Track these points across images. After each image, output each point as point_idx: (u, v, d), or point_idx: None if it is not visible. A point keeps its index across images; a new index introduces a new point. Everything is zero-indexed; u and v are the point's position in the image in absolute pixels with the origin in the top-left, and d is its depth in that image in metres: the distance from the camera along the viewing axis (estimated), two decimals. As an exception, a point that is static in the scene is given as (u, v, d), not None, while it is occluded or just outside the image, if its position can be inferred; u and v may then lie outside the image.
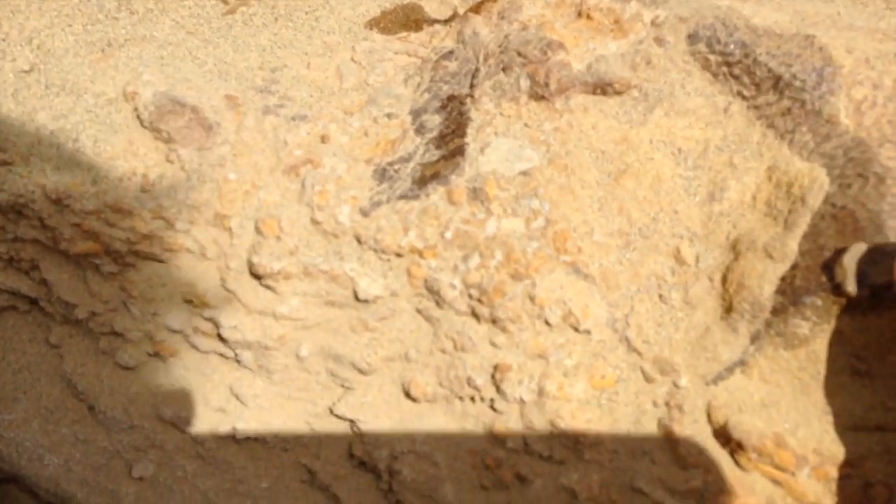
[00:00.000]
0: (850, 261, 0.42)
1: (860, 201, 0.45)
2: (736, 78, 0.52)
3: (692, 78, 0.53)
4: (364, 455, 0.49)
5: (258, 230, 0.46)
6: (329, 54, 0.55)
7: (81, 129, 0.47)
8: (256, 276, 0.46)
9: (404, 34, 0.57)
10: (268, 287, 0.46)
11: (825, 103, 0.49)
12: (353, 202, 0.46)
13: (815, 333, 0.44)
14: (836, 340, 0.43)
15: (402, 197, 0.46)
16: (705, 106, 0.52)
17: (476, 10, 0.56)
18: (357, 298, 0.46)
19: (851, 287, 0.42)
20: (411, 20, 0.58)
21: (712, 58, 0.52)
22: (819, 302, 0.43)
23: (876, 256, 0.42)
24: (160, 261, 0.47)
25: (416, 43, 0.56)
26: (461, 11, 0.58)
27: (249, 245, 0.46)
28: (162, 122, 0.46)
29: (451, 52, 0.54)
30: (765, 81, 0.50)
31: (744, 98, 0.52)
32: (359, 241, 0.46)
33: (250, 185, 0.46)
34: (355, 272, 0.45)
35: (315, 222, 0.46)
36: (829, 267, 0.43)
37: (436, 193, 0.46)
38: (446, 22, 0.57)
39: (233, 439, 0.51)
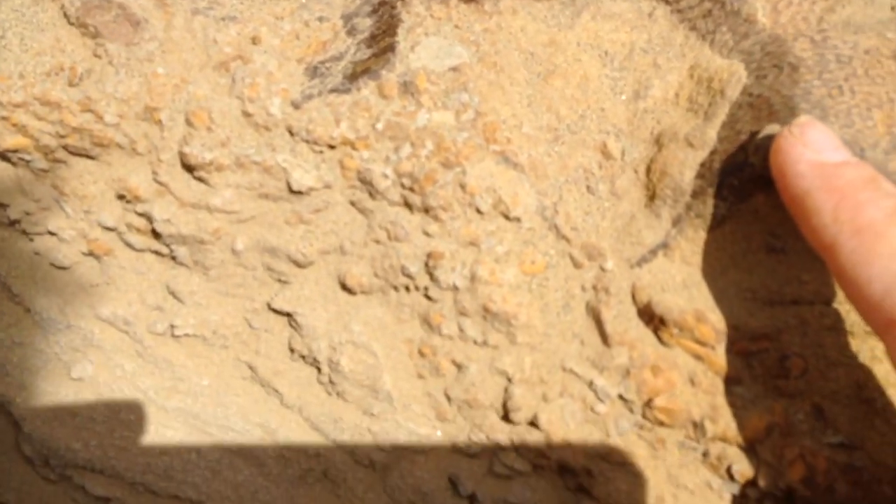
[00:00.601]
0: (764, 142, 0.44)
1: (775, 89, 0.46)
2: (660, -17, 0.52)
3: (619, -16, 0.53)
4: (303, 348, 0.49)
5: (188, 122, 0.45)
6: (264, -35, 0.54)
7: (7, 27, 0.46)
8: (188, 168, 0.46)
9: (338, -56, 0.56)
10: (200, 179, 0.46)
11: (744, 4, 0.50)
12: (285, 94, 0.46)
13: (732, 213, 0.45)
14: (752, 219, 0.45)
15: (334, 90, 0.46)
16: (631, 11, 0.53)
17: (409, -81, 0.56)
18: (291, 190, 0.46)
19: (763, 165, 0.43)
20: (345, -69, 0.57)
21: (638, -36, 0.52)
22: (735, 181, 0.44)
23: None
24: (91, 157, 0.46)
25: (349, -48, 0.56)
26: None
27: (180, 137, 0.45)
28: (89, 17, 0.45)
29: (384, -40, 0.54)
30: (687, -15, 0.51)
31: (667, 3, 0.53)
32: (291, 132, 0.46)
33: (179, 79, 0.46)
34: (288, 163, 0.45)
35: (246, 114, 0.45)
36: (744, 148, 0.45)
37: (367, 88, 0.46)
38: (380, -68, 0.57)
39: (172, 337, 0.50)
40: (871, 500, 0.43)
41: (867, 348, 0.44)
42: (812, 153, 0.40)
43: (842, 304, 0.44)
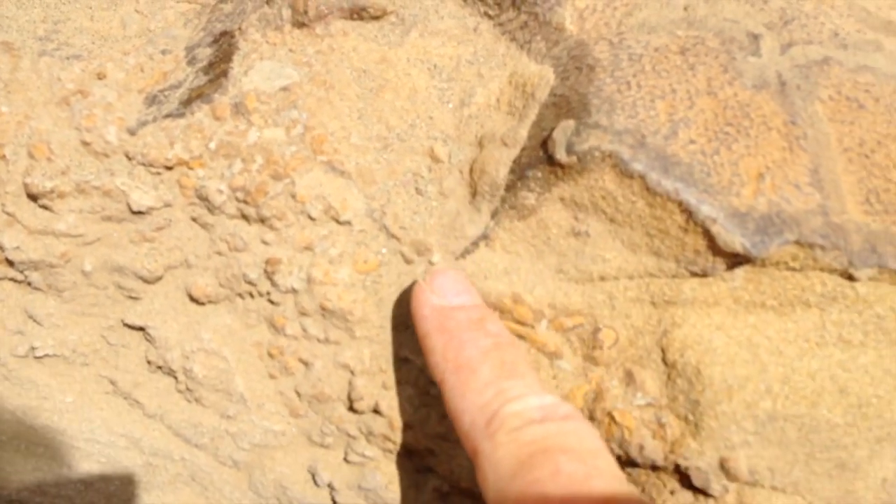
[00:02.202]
0: (560, 134, 0.47)
1: (574, 88, 0.49)
2: (482, 0, 0.56)
3: (445, 3, 0.56)
4: (158, 359, 0.50)
5: (30, 154, 0.47)
6: (114, 8, 0.56)
7: None
8: (32, 197, 0.47)
9: (186, -16, 0.59)
10: (44, 207, 0.47)
11: (554, 14, 0.53)
12: (120, 122, 0.48)
13: (540, 202, 0.47)
14: (558, 206, 0.47)
15: (168, 115, 0.48)
16: (457, 27, 0.56)
17: (250, -44, 0.58)
18: (132, 211, 0.47)
19: (560, 155, 0.46)
20: (194, -29, 0.60)
21: (461, -16, 0.56)
22: (539, 174, 0.47)
23: (580, 128, 0.47)
24: (-61, 193, 0.47)
25: (198, -9, 0.58)
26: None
27: (23, 169, 0.47)
28: (-70, 63, 0.47)
29: (227, -4, 0.56)
30: (505, 0, 0.55)
31: (490, 17, 0.56)
32: (128, 157, 0.47)
33: (23, 116, 0.48)
34: (126, 186, 0.47)
35: (85, 143, 0.47)
36: (545, 143, 0.47)
37: (200, 111, 0.48)
38: (226, -29, 0.59)
39: (34, 359, 0.51)
40: (678, 453, 0.46)
41: (668, 316, 0.47)
42: (437, 298, 0.44)
43: (642, 278, 0.47)
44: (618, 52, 0.50)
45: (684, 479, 0.46)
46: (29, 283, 0.50)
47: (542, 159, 0.47)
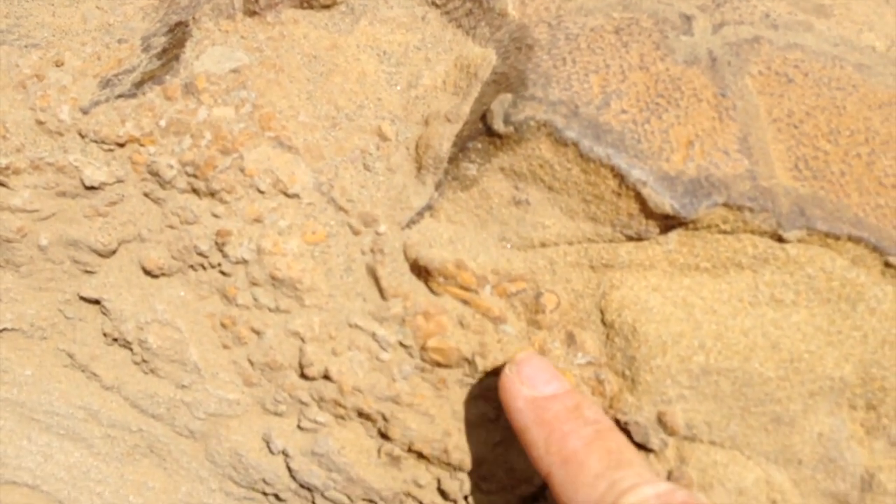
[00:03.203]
0: (497, 106, 0.47)
1: (513, 66, 0.50)
2: (430, -10, 0.57)
3: (395, -6, 0.57)
4: (114, 331, 0.51)
5: (-15, 133, 0.47)
6: (75, 5, 0.57)
7: None
8: (-13, 174, 0.48)
9: (146, -21, 0.60)
10: (0, 183, 0.48)
11: (497, 1, 0.54)
12: (74, 102, 0.48)
13: (481, 173, 0.48)
14: (499, 176, 0.48)
15: (121, 96, 0.49)
16: (406, 16, 0.57)
17: (208, -50, 0.59)
18: (85, 186, 0.48)
19: (498, 126, 0.47)
20: (154, -34, 0.61)
21: (410, -27, 0.57)
22: (479, 145, 0.48)
23: (516, 100, 0.48)
24: None
25: (156, -15, 0.59)
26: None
27: (-22, 148, 0.47)
28: None
29: (185, -12, 0.57)
30: (452, -11, 0.56)
31: (437, 6, 0.57)
32: (81, 135, 0.48)
33: (-20, 98, 0.48)
34: (79, 162, 0.47)
35: (39, 122, 0.48)
36: (484, 115, 0.48)
37: (152, 91, 0.49)
38: (184, -36, 0.60)
39: (-8, 334, 0.51)
40: (616, 408, 0.46)
41: (606, 279, 0.48)
42: (528, 389, 0.43)
43: (580, 243, 0.48)
44: (555, 33, 0.52)
45: (625, 434, 0.47)
46: (-14, 259, 0.50)
47: (481, 131, 0.48)
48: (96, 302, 0.50)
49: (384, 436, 0.50)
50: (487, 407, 0.49)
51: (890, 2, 0.60)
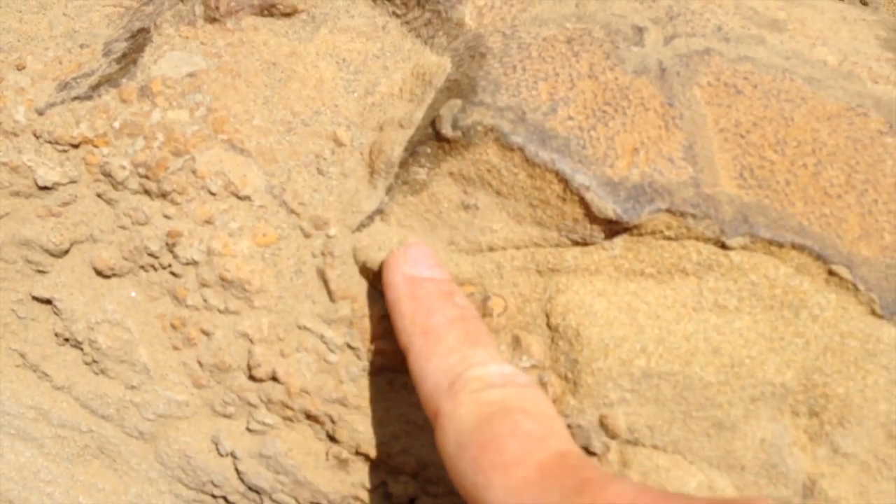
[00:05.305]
0: (446, 111, 0.47)
1: (465, 73, 0.49)
2: (390, 0, 0.56)
3: (356, 3, 0.57)
4: (65, 331, 0.49)
5: (-61, 132, 0.46)
6: (43, 11, 0.57)
7: None
8: (-60, 173, 0.47)
9: (115, -12, 0.59)
10: (-47, 183, 0.47)
11: (455, 11, 0.54)
12: (29, 104, 0.47)
13: (431, 177, 0.47)
14: (448, 181, 0.47)
15: (76, 98, 0.48)
16: (366, 25, 0.56)
17: (174, -40, 0.59)
18: (39, 187, 0.47)
19: (446, 130, 0.46)
20: (123, -24, 0.60)
21: (371, -16, 0.56)
22: (429, 150, 0.47)
23: (465, 106, 0.47)
24: None
25: (124, -6, 0.58)
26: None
27: (-67, 147, 0.46)
28: None
29: (151, 0, 0.57)
30: (411, 0, 0.55)
31: (398, 16, 0.56)
32: (35, 136, 0.47)
33: (-64, 98, 0.47)
34: (33, 162, 0.47)
35: (-6, 123, 0.47)
36: (434, 120, 0.47)
37: (107, 94, 0.48)
38: (152, -26, 0.60)
39: (-56, 333, 0.50)
40: (559, 410, 0.45)
41: (553, 283, 0.47)
42: (409, 268, 0.44)
43: (528, 247, 0.47)
44: (509, 42, 0.51)
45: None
46: (-61, 258, 0.49)
47: (431, 136, 0.47)
48: (48, 302, 0.49)
49: (332, 438, 0.49)
50: (434, 410, 0.47)
51: (847, 19, 0.60)
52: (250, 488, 0.50)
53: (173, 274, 0.48)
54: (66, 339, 0.50)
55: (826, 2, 0.63)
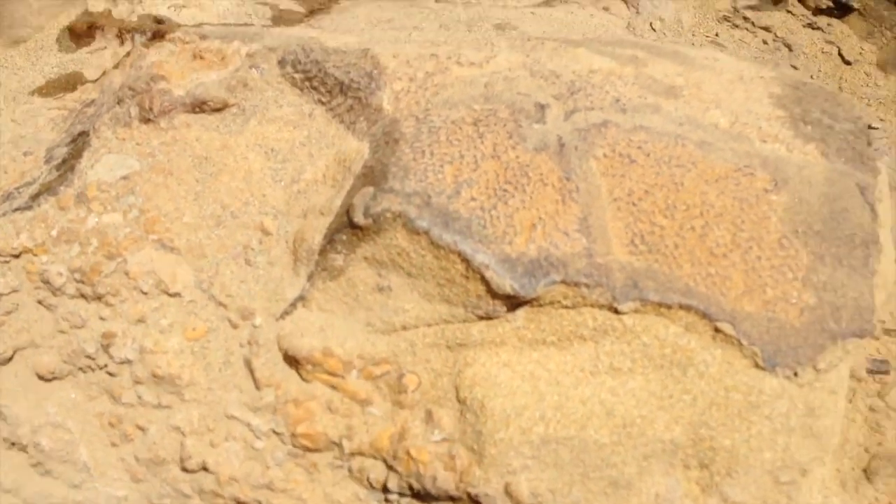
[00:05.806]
0: (359, 200, 0.49)
1: (380, 159, 0.52)
2: (315, 89, 0.59)
3: (284, 94, 0.60)
4: (11, 435, 0.52)
5: None
6: (-10, 120, 0.61)
7: None
8: None
9: (62, 95, 0.64)
10: None
11: (374, 97, 0.57)
12: (-28, 221, 0.51)
13: (347, 263, 0.50)
14: (364, 265, 0.50)
15: (17, 209, 0.52)
16: (294, 114, 0.59)
17: (116, 66, 0.63)
18: (-19, 299, 0.50)
19: (359, 218, 0.48)
20: (70, 84, 0.65)
21: (297, 76, 0.59)
22: (345, 237, 0.50)
23: (376, 194, 0.49)
24: None
25: (69, 100, 0.63)
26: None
27: None
28: None
29: (92, 101, 0.61)
30: (334, 88, 0.58)
31: (323, 104, 0.60)
32: (-23, 250, 0.50)
33: None
34: (-25, 276, 0.50)
35: (-63, 240, 0.50)
36: (348, 209, 0.50)
37: (46, 203, 0.52)
38: (97, 80, 0.65)
39: None
40: (466, 482, 0.46)
41: (462, 357, 0.49)
42: None
43: (438, 325, 0.49)
44: (420, 126, 0.54)
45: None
46: None
47: (346, 224, 0.50)
48: (-6, 407, 0.52)
49: (265, 522, 0.50)
50: (358, 487, 0.49)
51: (744, 78, 0.63)
52: (192, 576, 0.51)
53: (109, 374, 0.50)
54: (13, 444, 0.52)
55: (726, 62, 0.66)
